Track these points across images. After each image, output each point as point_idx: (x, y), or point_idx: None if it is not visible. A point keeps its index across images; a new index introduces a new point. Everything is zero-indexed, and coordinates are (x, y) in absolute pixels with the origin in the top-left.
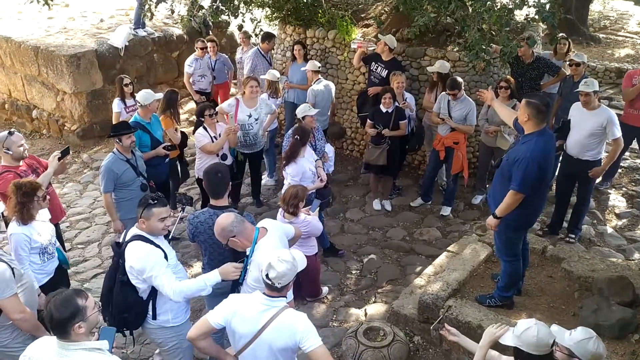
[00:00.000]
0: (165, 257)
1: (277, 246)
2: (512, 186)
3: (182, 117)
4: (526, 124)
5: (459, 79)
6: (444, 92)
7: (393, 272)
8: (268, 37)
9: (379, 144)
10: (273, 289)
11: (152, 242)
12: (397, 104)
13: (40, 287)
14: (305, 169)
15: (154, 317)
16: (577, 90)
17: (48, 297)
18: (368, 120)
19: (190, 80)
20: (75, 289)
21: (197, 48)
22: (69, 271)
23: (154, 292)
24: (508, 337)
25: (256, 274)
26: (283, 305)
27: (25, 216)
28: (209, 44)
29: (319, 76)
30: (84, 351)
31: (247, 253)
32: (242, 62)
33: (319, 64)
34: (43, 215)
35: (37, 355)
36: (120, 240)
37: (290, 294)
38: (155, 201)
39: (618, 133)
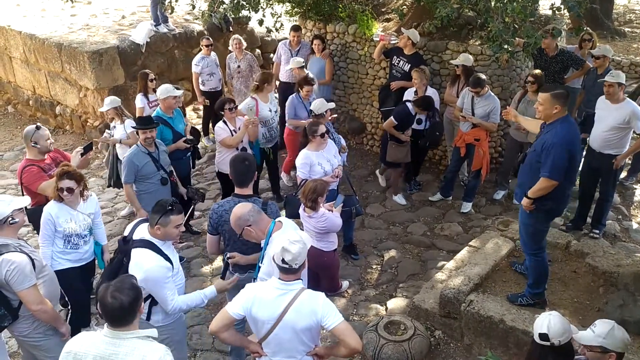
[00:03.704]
0: (171, 263)
1: None
2: (542, 173)
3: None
4: (555, 115)
5: (483, 76)
6: (468, 88)
7: (414, 267)
8: (292, 28)
9: (402, 142)
10: (289, 272)
11: (160, 252)
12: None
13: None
14: (312, 162)
15: (148, 318)
16: (602, 80)
17: (103, 288)
18: (393, 119)
19: (199, 80)
20: (127, 274)
21: (202, 46)
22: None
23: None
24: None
25: (268, 268)
26: (300, 287)
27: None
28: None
29: (305, 71)
30: (138, 339)
31: (262, 245)
32: (232, 71)
33: (302, 60)
34: (85, 207)
35: (84, 350)
36: (127, 233)
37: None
38: (172, 208)
39: None
